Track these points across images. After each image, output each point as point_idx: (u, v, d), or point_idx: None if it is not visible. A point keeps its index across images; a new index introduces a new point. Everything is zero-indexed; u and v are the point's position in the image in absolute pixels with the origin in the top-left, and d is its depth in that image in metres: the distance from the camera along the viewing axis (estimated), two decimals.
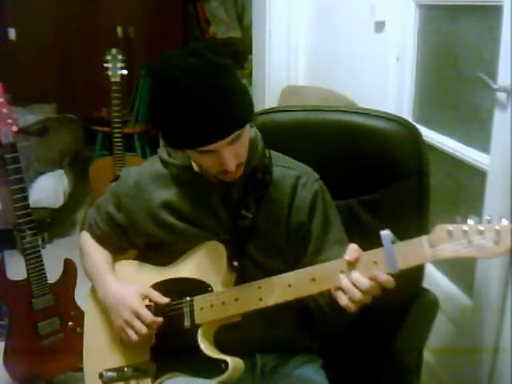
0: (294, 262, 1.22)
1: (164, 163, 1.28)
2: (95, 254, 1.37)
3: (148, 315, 1.22)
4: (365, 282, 1.00)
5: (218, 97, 1.03)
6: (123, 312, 1.23)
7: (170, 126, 1.09)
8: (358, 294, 1.01)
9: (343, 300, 1.03)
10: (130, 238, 1.34)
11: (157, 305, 1.24)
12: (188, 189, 1.25)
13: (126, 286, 1.28)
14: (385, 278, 0.99)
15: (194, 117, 1.04)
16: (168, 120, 1.08)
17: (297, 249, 1.24)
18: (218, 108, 1.04)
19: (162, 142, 1.30)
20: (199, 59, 1.04)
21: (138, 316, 1.22)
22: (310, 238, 1.24)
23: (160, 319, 1.22)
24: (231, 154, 1.10)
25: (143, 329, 1.21)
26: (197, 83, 1.02)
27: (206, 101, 1.03)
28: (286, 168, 1.26)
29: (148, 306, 1.23)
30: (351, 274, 1.02)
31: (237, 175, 1.17)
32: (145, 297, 1.24)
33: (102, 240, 1.37)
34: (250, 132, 1.19)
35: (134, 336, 1.22)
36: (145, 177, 1.29)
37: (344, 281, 1.02)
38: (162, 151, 1.29)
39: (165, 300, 1.23)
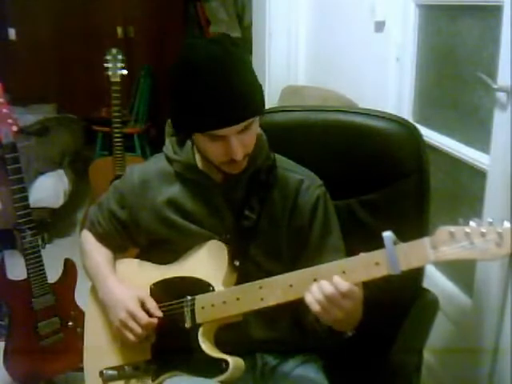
0: (292, 264, 1.21)
1: (169, 160, 1.29)
2: (96, 253, 1.37)
3: (143, 317, 1.22)
4: (330, 288, 1.01)
5: (237, 83, 1.10)
6: (120, 312, 1.24)
7: (188, 107, 1.11)
8: (323, 299, 1.01)
9: (314, 307, 1.03)
10: (132, 236, 1.34)
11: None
12: (192, 187, 1.26)
13: (126, 288, 1.28)
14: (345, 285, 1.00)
15: (214, 99, 1.08)
16: (186, 101, 1.11)
17: (295, 252, 1.24)
18: (236, 93, 1.09)
19: (167, 140, 1.32)
20: (222, 47, 1.10)
21: (133, 317, 1.22)
22: (308, 242, 1.24)
23: (155, 321, 1.22)
24: (240, 143, 1.13)
25: (138, 330, 1.22)
26: (219, 68, 1.08)
27: (225, 85, 1.08)
28: (289, 171, 1.27)
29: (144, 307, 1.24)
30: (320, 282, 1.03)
31: (241, 167, 1.19)
32: (142, 302, 1.24)
33: (103, 238, 1.37)
34: (258, 127, 1.20)
35: (129, 336, 1.23)
36: (150, 174, 1.30)
37: (313, 286, 1.04)
38: (168, 148, 1.30)
39: (158, 313, 1.23)
